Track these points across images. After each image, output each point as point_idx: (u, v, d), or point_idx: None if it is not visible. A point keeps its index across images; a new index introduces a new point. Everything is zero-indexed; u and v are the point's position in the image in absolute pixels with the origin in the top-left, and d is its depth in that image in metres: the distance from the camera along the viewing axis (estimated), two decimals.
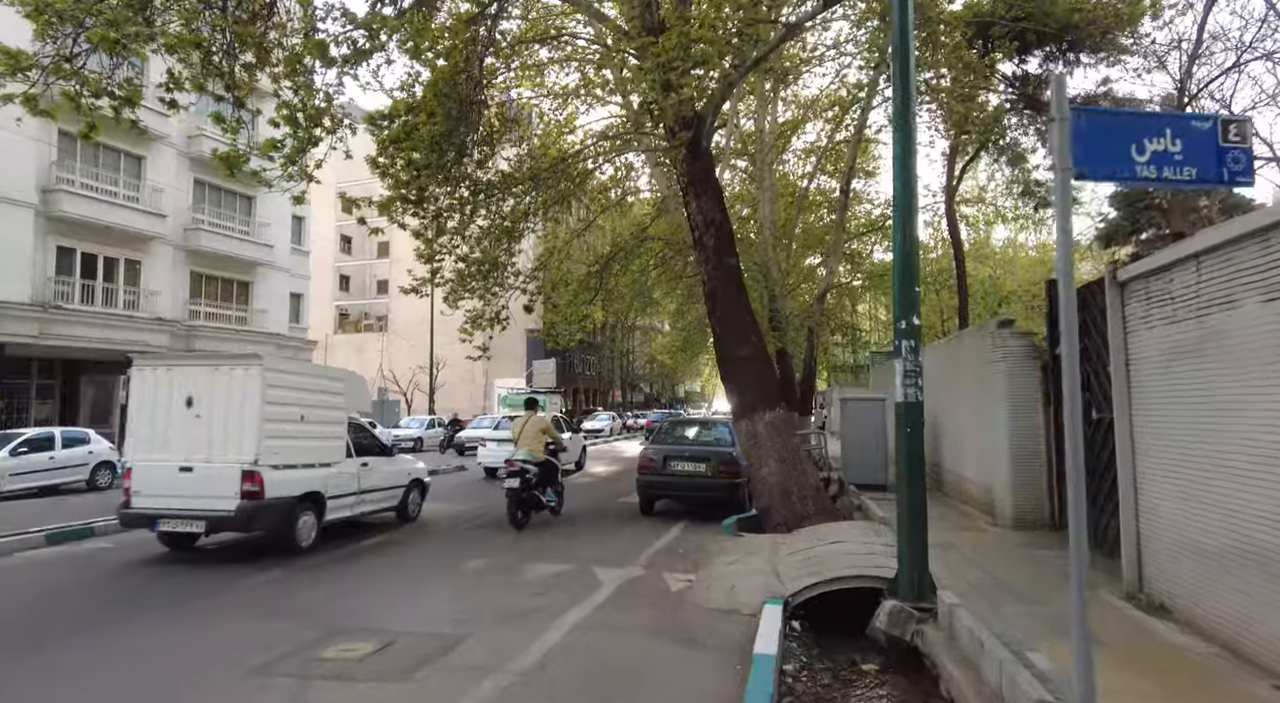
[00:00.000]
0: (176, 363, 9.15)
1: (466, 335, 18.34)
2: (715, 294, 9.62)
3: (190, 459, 7.90)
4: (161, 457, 8.00)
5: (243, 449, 7.83)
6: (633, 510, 11.44)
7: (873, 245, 22.42)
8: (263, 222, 26.96)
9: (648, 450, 10.75)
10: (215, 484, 7.76)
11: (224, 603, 6.22)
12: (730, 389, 9.66)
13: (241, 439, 7.87)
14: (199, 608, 6.05)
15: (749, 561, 7.28)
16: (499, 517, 10.10)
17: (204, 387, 8.14)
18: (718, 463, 10.32)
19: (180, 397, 8.14)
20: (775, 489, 9.17)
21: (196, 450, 7.93)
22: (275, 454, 8.03)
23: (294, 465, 8.35)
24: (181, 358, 11.75)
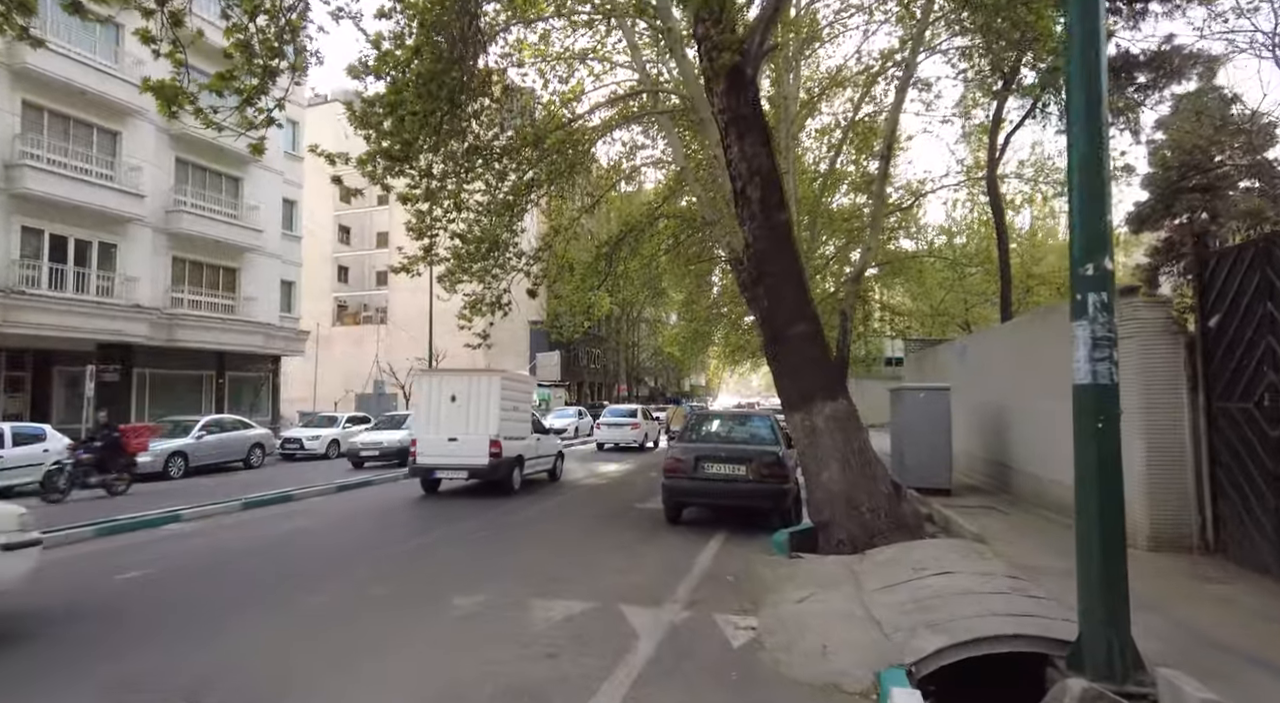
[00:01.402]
0: (446, 373, 14.22)
1: (465, 321, 16.56)
2: (761, 258, 7.76)
3: (455, 433, 12.45)
4: (435, 432, 12.55)
5: (489, 427, 12.44)
6: (655, 519, 9.63)
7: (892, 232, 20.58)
8: (251, 204, 25.08)
9: (675, 451, 8.90)
10: (473, 448, 12.25)
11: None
12: (780, 376, 7.81)
13: (488, 421, 12.51)
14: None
15: (827, 598, 5.44)
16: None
17: (462, 388, 12.99)
18: (760, 465, 8.48)
19: (447, 395, 12.88)
20: (839, 499, 7.33)
21: (459, 428, 12.49)
22: (505, 430, 12.59)
23: (512, 438, 12.82)
24: (449, 370, 16.12)
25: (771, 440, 9.06)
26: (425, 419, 12.73)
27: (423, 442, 12.51)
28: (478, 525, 9.29)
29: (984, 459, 11.31)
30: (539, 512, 10.58)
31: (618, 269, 20.08)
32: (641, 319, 50.18)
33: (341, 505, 11.59)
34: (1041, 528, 7.70)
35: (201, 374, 24.75)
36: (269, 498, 11.59)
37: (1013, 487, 9.97)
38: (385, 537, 8.80)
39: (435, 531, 9.00)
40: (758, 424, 9.76)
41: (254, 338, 25.05)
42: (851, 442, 7.50)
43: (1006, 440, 10.35)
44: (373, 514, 10.63)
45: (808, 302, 7.92)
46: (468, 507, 11.08)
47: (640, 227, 18.78)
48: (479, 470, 12.19)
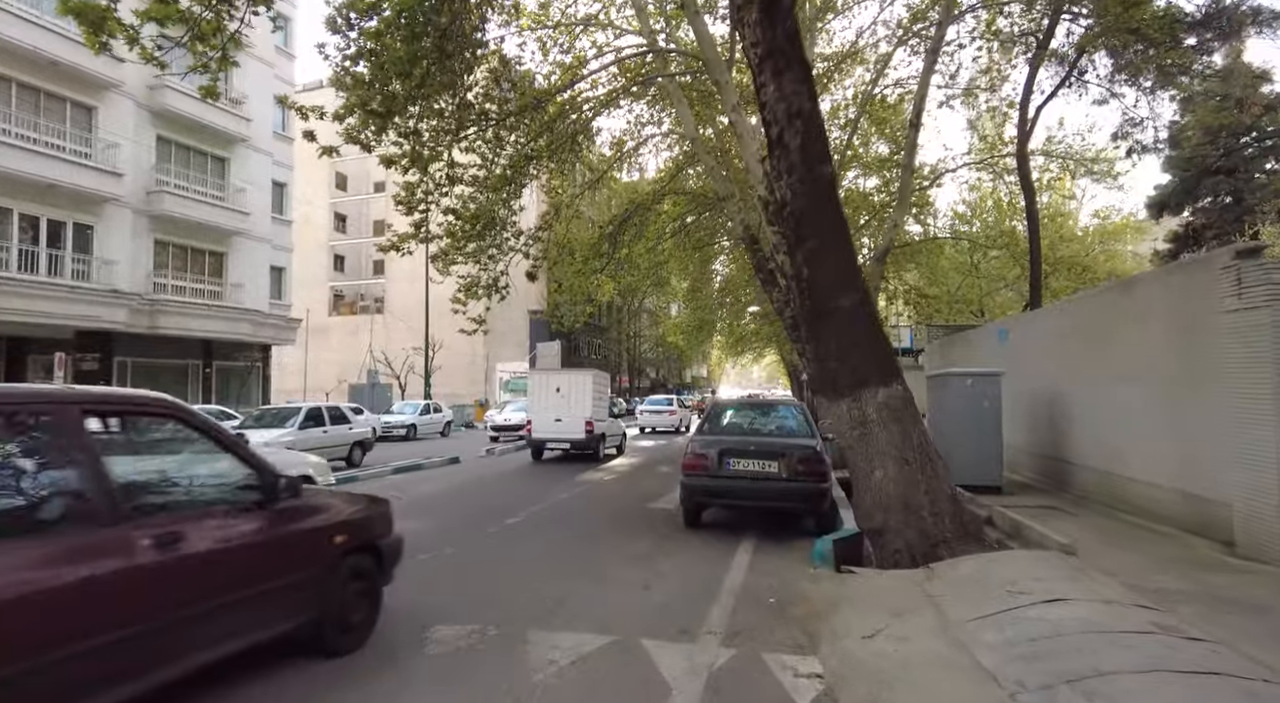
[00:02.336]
0: (551, 372, 18.78)
1: (460, 305, 15.36)
2: (801, 218, 6.52)
3: (559, 415, 16.36)
4: (545, 415, 16.48)
5: (584, 410, 16.37)
6: (671, 521, 8.45)
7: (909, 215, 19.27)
8: (238, 186, 23.79)
9: (695, 445, 7.67)
10: (573, 427, 16.21)
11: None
12: (823, 358, 6.57)
13: (584, 405, 16.41)
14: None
15: (906, 631, 4.24)
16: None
17: (565, 381, 16.96)
18: (796, 461, 7.27)
19: (553, 387, 16.79)
20: (895, 502, 6.13)
21: (562, 411, 16.40)
22: (594, 413, 16.46)
23: (598, 420, 16.64)
24: (554, 370, 19.93)
25: (805, 433, 7.85)
26: (537, 405, 16.80)
27: (536, 422, 16.58)
28: (465, 533, 8.09)
29: (1031, 453, 10.11)
30: (547, 511, 9.37)
31: (621, 253, 18.84)
32: (643, 309, 48.95)
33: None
34: (1132, 536, 6.51)
35: (187, 363, 23.52)
36: None
37: (1073, 485, 8.78)
38: None
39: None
40: (786, 414, 8.53)
41: (242, 326, 23.81)
42: (910, 435, 6.29)
43: (1063, 433, 9.15)
44: None
45: (856, 269, 6.69)
46: (451, 505, 9.89)
47: (646, 204, 17.52)
48: (577, 442, 16.33)
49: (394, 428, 23.78)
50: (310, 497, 4.14)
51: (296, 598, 3.80)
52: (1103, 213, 25.44)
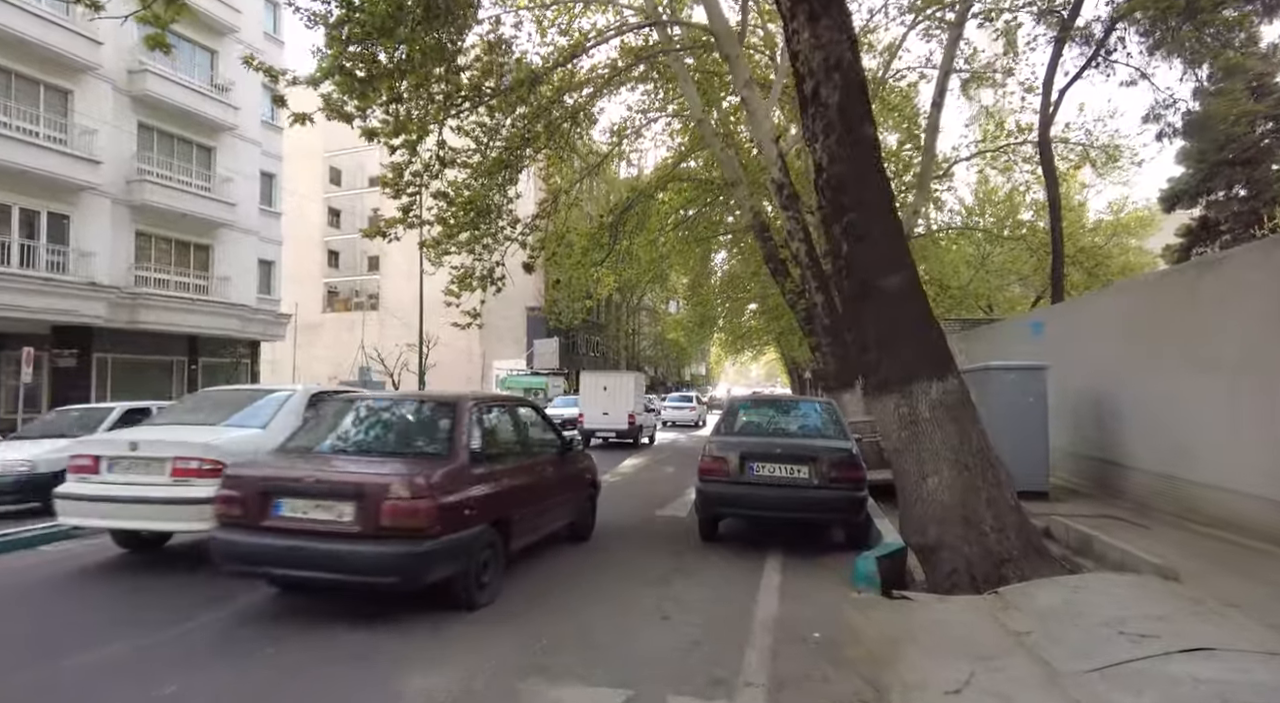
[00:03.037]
0: (600, 373, 22.71)
1: (453, 298, 14.43)
2: (841, 184, 5.59)
3: (606, 409, 19.48)
4: (594, 409, 19.63)
5: (627, 405, 19.52)
6: (684, 532, 7.53)
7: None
8: (224, 176, 22.78)
9: (713, 447, 6.73)
10: (617, 419, 19.38)
11: None
12: (866, 346, 5.63)
13: (626, 401, 19.60)
14: None
15: (1003, 687, 3.33)
16: None
17: (611, 381, 20.44)
18: (829, 465, 6.35)
19: (601, 385, 20.07)
20: (952, 513, 5.22)
21: (608, 406, 19.47)
22: (635, 407, 19.77)
23: (638, 413, 19.95)
24: (602, 372, 24.51)
25: (836, 433, 6.91)
26: (588, 401, 20.21)
27: (587, 415, 19.81)
28: None
29: (1075, 454, 9.21)
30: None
31: (621, 245, 17.92)
32: (642, 307, 48.02)
33: None
34: (1230, 555, 5.61)
35: (171, 359, 22.55)
36: None
37: (1126, 491, 7.88)
38: None
39: None
40: (812, 411, 7.59)
41: (228, 321, 22.83)
42: (969, 436, 5.37)
43: (1112, 432, 8.25)
44: None
45: (903, 243, 5.76)
46: None
47: (649, 192, 16.60)
48: (621, 432, 19.55)
49: None
50: (576, 455, 7.07)
51: (571, 508, 6.71)
52: (1115, 205, 24.57)
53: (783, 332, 30.02)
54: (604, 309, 42.94)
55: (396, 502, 4.27)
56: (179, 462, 5.70)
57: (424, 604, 4.70)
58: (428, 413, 5.46)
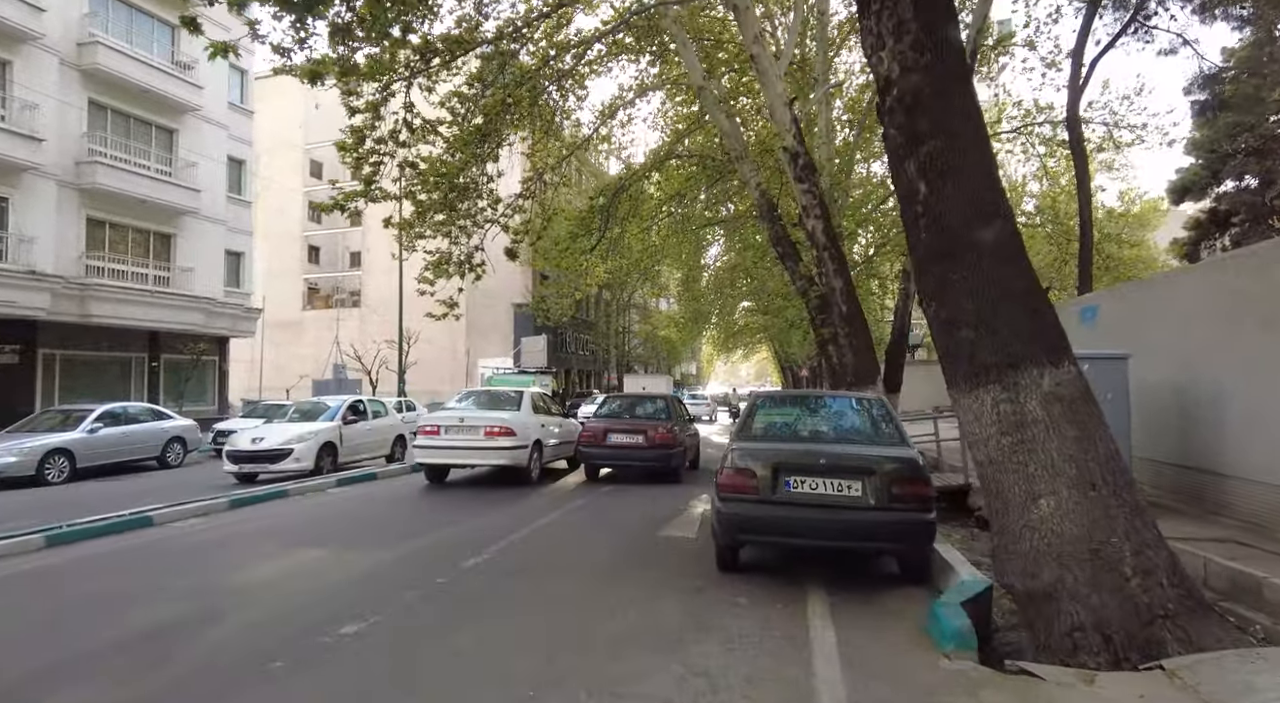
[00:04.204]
0: (640, 376, 39.03)
1: (428, 286, 12.86)
2: (917, 103, 4.09)
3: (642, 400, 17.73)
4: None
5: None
6: (695, 560, 6.03)
7: None
8: (188, 160, 21.03)
9: (736, 455, 5.21)
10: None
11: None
12: (952, 323, 4.12)
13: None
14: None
15: None
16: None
17: (649, 381, 33.57)
18: (889, 480, 4.85)
19: (643, 386, 29.91)
20: (1076, 548, 3.76)
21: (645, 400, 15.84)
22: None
23: None
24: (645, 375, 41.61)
25: (892, 437, 5.40)
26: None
27: None
28: (427, 575, 5.64)
29: (1150, 461, 7.77)
30: (525, 545, 6.90)
31: (613, 232, 16.37)
32: (632, 304, 46.49)
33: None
34: None
35: (130, 356, 20.76)
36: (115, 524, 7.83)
37: (1233, 505, 6.44)
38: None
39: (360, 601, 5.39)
40: (855, 409, 6.05)
41: (191, 315, 21.09)
42: (1094, 443, 3.90)
43: (1208, 435, 6.82)
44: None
45: (998, 184, 4.25)
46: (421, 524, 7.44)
47: (644, 173, 15.09)
48: None
49: None
50: (687, 427, 12.79)
51: (688, 455, 12.24)
52: (1128, 195, 23.30)
53: (781, 328, 28.62)
54: (593, 306, 41.39)
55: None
56: (488, 428, 10.47)
57: None
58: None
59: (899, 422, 5.55)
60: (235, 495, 9.04)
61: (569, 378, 42.90)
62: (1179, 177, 26.04)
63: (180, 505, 8.18)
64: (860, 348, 10.53)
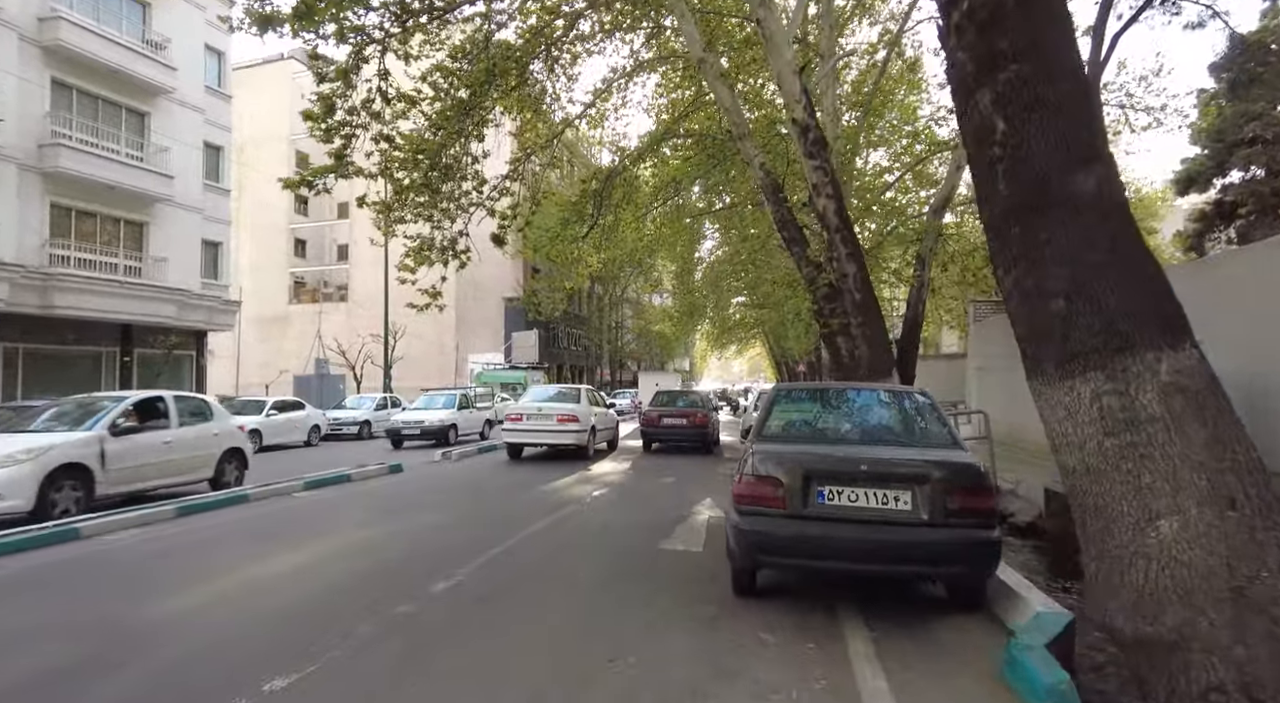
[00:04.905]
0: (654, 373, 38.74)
1: (408, 273, 11.97)
2: (993, 19, 3.20)
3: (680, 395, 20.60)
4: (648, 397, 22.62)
5: None
6: (705, 580, 5.16)
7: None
8: (161, 144, 19.93)
9: (756, 459, 4.26)
10: None
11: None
12: (1035, 292, 3.26)
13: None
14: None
15: None
16: None
17: (661, 379, 32.33)
18: (946, 490, 3.97)
19: (656, 382, 29.17)
20: (1210, 584, 2.90)
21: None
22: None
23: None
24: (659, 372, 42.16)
25: (943, 438, 4.51)
26: (646, 394, 25.46)
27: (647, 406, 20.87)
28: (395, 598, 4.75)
29: None
30: (506, 561, 6.00)
31: (606, 219, 15.44)
32: (625, 299, 45.56)
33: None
34: None
35: (100, 350, 19.67)
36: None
37: None
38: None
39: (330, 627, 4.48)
40: (892, 404, 5.14)
41: (164, 307, 20.00)
42: (1230, 448, 3.03)
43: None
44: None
45: (1099, 124, 3.40)
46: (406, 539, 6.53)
47: (639, 155, 14.17)
48: None
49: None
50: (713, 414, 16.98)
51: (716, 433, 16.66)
52: (1136, 185, 22.54)
53: (777, 322, 27.81)
54: (586, 301, 40.45)
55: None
56: (559, 415, 13.30)
57: None
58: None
59: (949, 420, 4.65)
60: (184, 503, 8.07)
61: (560, 374, 41.97)
62: (1184, 167, 25.35)
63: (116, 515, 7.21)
64: (875, 340, 9.68)
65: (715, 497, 8.93)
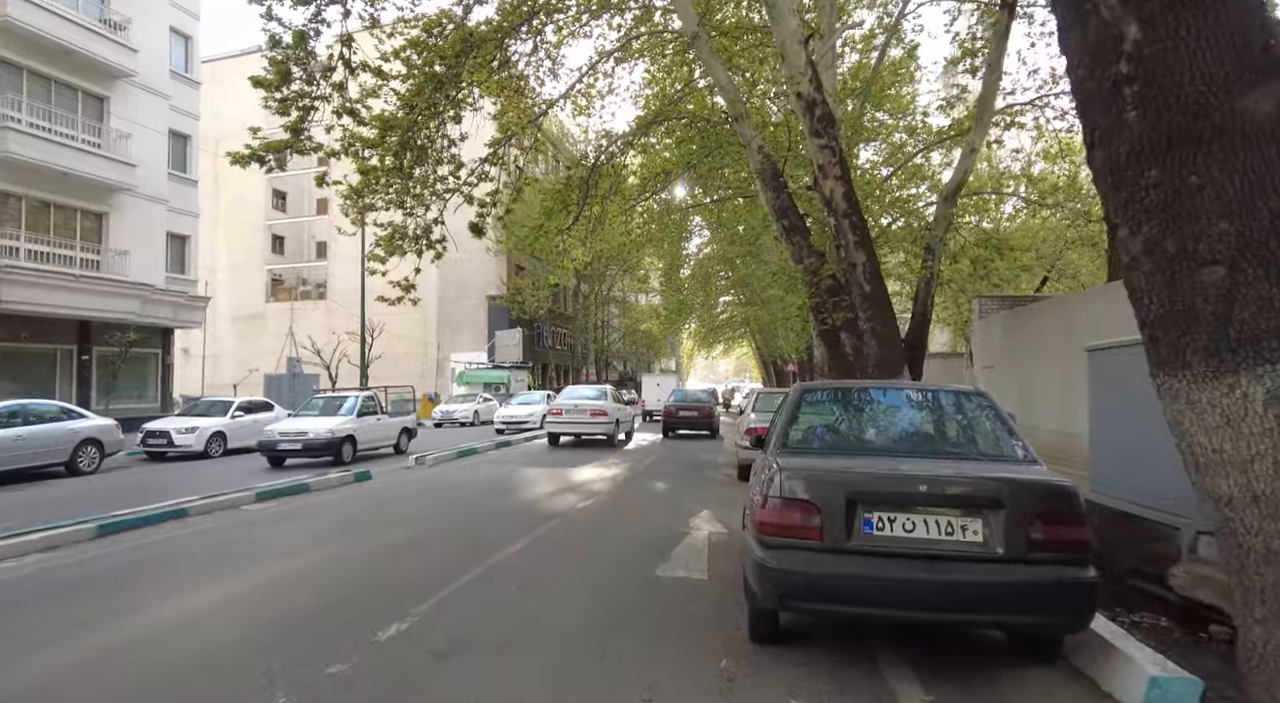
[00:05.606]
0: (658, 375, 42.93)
1: (378, 263, 11.00)
2: None
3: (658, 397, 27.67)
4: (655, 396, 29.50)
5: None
6: (712, 620, 4.25)
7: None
8: (121, 131, 18.70)
9: (782, 479, 3.35)
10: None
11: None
12: (1180, 253, 2.38)
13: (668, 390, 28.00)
14: None
15: None
16: None
17: (662, 380, 35.41)
18: (1028, 518, 3.07)
19: (657, 382, 33.78)
20: None
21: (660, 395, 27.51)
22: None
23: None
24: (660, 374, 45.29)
25: (1014, 451, 3.60)
26: (650, 395, 29.52)
27: (649, 399, 28.61)
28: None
29: None
30: (474, 595, 5.05)
31: (593, 208, 14.49)
32: (612, 298, 44.61)
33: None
34: None
35: (55, 348, 18.42)
36: None
37: None
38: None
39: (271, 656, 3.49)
40: (944, 406, 4.22)
41: (125, 302, 18.78)
42: None
43: None
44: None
45: (1274, 24, 2.47)
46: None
47: (629, 139, 13.24)
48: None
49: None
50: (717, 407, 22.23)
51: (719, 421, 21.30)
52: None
53: (767, 321, 27.01)
54: (571, 300, 39.44)
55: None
56: (592, 410, 16.28)
57: None
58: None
59: (1015, 427, 3.76)
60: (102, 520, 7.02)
61: (545, 373, 40.90)
62: None
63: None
64: (885, 335, 8.82)
65: (713, 507, 8.03)
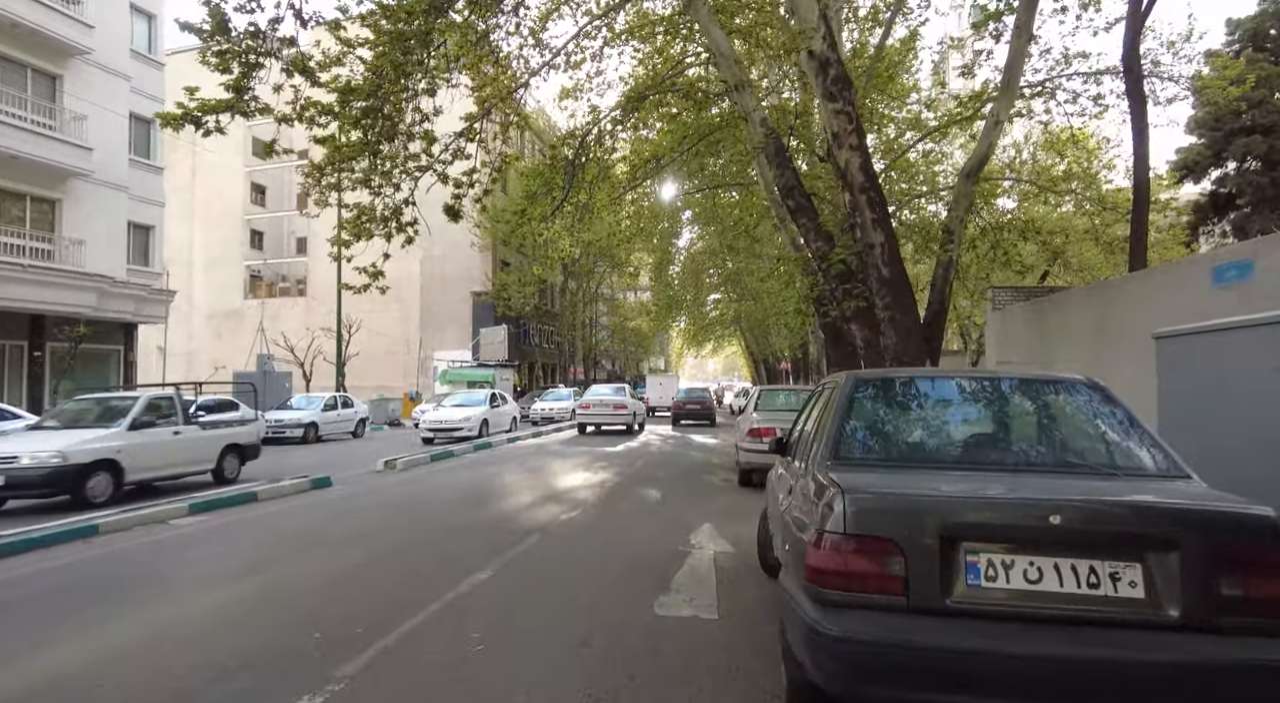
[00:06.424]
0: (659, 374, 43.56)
1: (344, 247, 9.90)
2: None
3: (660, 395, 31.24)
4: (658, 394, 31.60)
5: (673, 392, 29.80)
6: (725, 681, 3.18)
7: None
8: (76, 112, 17.41)
9: (844, 506, 2.27)
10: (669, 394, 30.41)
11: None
12: None
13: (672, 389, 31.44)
14: None
15: None
16: None
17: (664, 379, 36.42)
18: (1212, 562, 2.04)
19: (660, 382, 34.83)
20: None
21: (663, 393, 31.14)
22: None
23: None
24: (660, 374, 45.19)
25: (1161, 463, 2.57)
26: (653, 393, 31.27)
27: (652, 397, 30.60)
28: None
29: None
30: (427, 640, 3.99)
31: (579, 195, 13.41)
32: (599, 295, 43.53)
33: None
34: None
35: (4, 344, 17.10)
36: None
37: None
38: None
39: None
40: (1052, 405, 3.09)
41: (81, 295, 17.47)
42: None
43: None
44: None
45: None
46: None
47: (620, 114, 12.19)
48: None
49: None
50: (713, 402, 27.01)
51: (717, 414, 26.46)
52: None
53: (760, 318, 26.08)
54: (558, 297, 38.32)
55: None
56: (615, 404, 20.46)
57: None
58: None
59: (1151, 431, 2.75)
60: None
61: (531, 372, 39.75)
62: (1180, 156, 24.22)
63: None
64: (905, 325, 7.85)
65: (715, 520, 7.00)
